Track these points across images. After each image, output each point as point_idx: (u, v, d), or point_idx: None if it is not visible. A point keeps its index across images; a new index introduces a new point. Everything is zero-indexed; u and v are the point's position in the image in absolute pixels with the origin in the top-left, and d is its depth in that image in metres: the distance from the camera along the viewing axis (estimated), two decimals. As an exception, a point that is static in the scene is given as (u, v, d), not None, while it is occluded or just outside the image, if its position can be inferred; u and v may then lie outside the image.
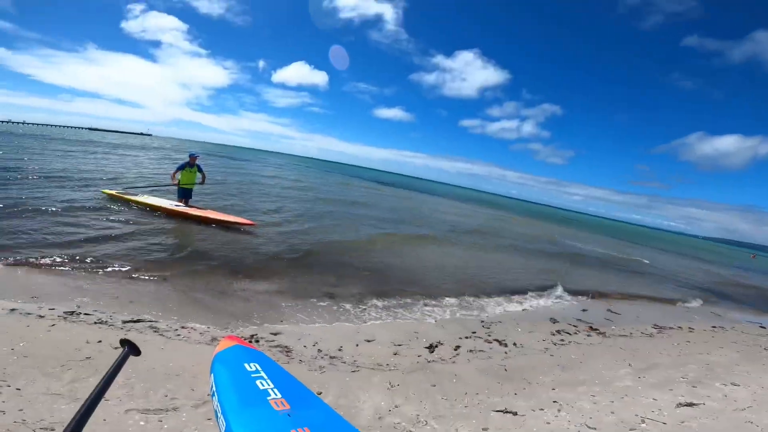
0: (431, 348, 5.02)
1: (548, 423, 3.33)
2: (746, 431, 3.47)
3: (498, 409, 3.56)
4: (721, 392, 4.50)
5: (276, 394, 1.54)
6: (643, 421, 3.51)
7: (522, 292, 8.94)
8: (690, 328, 8.12)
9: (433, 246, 13.21)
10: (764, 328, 9.48)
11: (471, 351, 5.11)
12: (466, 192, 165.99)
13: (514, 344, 5.60)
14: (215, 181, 19.83)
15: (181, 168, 10.17)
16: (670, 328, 7.86)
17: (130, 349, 1.31)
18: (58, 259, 6.05)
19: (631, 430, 3.33)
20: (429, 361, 4.62)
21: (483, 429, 3.18)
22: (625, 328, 7.36)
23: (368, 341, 4.98)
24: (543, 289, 9.55)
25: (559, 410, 3.62)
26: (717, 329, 8.41)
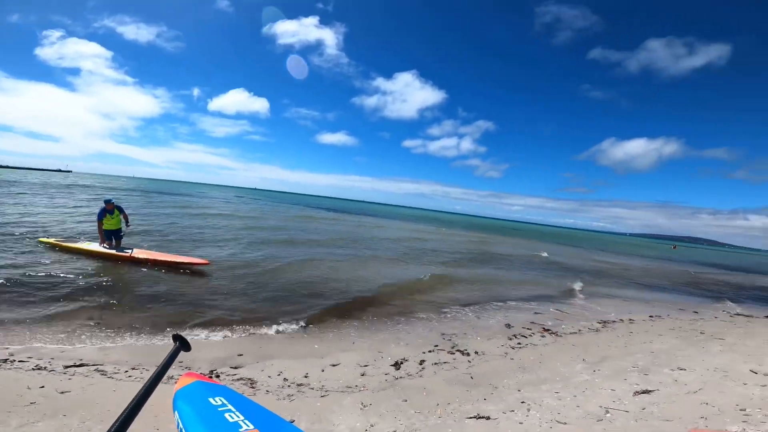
0: (397, 365, 5.02)
1: (521, 423, 3.42)
2: (705, 412, 3.73)
3: (471, 415, 3.60)
4: (671, 377, 4.82)
5: (248, 425, 1.49)
6: (608, 412, 3.70)
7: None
8: (630, 319, 8.72)
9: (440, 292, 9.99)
10: (697, 313, 10.39)
11: (436, 364, 5.16)
12: (416, 212, 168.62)
13: (476, 352, 5.72)
14: (162, 223, 18.59)
15: (101, 218, 9.47)
16: (613, 321, 8.40)
17: (182, 344, 1.26)
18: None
19: (598, 420, 3.49)
20: (397, 378, 4.62)
21: (461, 436, 3.21)
22: (574, 326, 7.77)
23: (333, 365, 4.91)
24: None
25: (528, 410, 3.73)
26: (654, 318, 9.10)
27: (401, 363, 5.11)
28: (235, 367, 4.53)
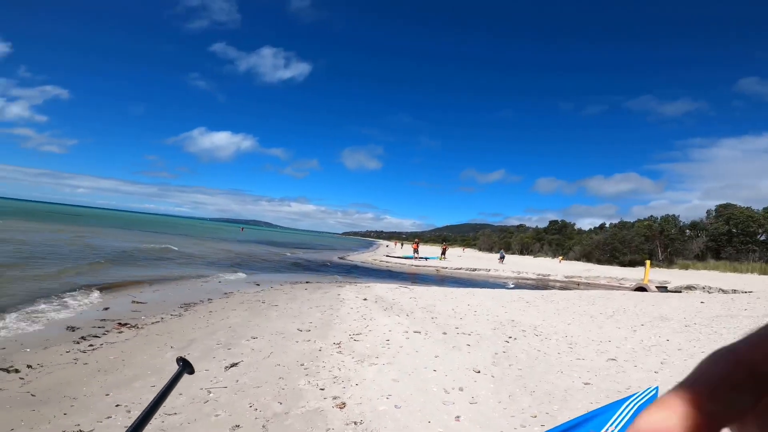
0: None
1: (125, 426, 2.93)
2: (280, 372, 4.43)
3: (54, 439, 2.74)
4: (249, 347, 5.45)
5: None
6: (210, 392, 3.77)
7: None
8: (209, 299, 9.28)
9: None
10: (258, 285, 12.34)
11: (-41, 394, 3.54)
12: None
13: (29, 366, 4.37)
14: None
15: None
16: (195, 303, 8.65)
17: (185, 366, 1.11)
18: None
19: (205, 402, 3.50)
20: None
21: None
22: (156, 314, 7.40)
23: None
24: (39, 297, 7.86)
25: (129, 411, 3.25)
26: (228, 295, 10.09)
27: None
28: None
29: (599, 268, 34.62)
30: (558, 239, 61.22)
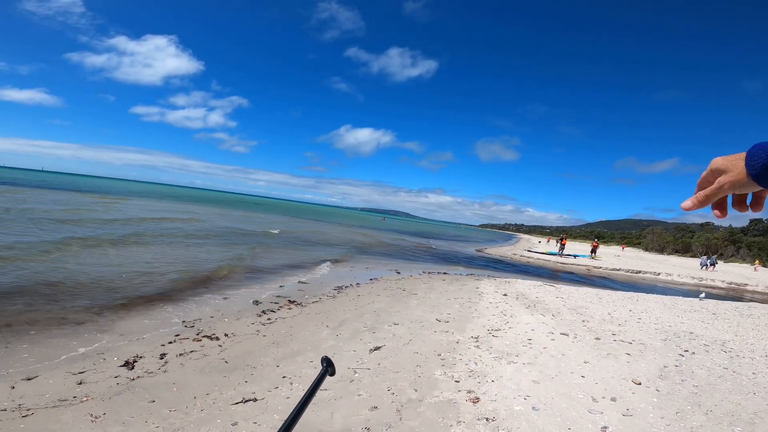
0: (129, 364, 4.27)
1: (288, 398, 3.51)
2: (418, 360, 4.69)
3: (237, 401, 3.46)
4: (390, 332, 5.87)
5: None
6: (356, 372, 4.22)
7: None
8: (357, 283, 10.21)
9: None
10: (399, 273, 13.06)
11: (181, 354, 4.66)
12: (150, 187, 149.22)
13: (226, 335, 5.47)
14: None
15: None
16: (346, 287, 9.63)
17: (328, 366, 1.21)
18: None
19: (351, 381, 3.95)
20: (133, 379, 3.95)
21: (233, 425, 3.05)
22: (315, 294, 8.48)
23: (29, 379, 3.79)
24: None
25: (291, 383, 3.86)
26: (373, 281, 10.94)
27: (135, 361, 4.37)
28: None
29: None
30: (762, 242, 49.28)
